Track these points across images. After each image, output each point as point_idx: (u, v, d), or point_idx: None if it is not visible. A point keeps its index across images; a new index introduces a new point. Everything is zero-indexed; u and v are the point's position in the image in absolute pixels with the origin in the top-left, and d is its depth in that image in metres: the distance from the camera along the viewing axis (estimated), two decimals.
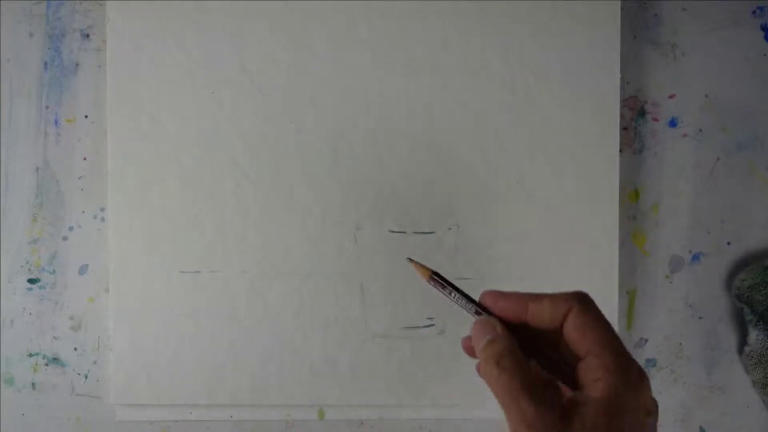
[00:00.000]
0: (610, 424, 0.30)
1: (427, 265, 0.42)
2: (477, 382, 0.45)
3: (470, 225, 0.43)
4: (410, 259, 0.37)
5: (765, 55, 0.45)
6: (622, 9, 0.43)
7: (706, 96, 0.45)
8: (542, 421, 0.30)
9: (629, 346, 0.45)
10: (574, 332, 0.32)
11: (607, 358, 0.31)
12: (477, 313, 0.35)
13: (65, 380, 0.45)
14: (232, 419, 0.45)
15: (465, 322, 0.43)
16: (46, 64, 0.45)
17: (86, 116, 0.45)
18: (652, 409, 0.31)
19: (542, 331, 0.33)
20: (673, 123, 0.45)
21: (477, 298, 0.35)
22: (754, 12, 0.45)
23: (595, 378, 0.31)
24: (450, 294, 0.36)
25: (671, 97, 0.45)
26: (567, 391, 0.32)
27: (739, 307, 0.45)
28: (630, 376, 0.31)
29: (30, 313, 0.45)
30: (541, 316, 0.33)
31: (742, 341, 0.45)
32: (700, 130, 0.45)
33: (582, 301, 0.32)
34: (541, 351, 0.33)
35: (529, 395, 0.30)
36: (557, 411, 0.30)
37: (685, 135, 0.45)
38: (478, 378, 0.44)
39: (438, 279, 0.37)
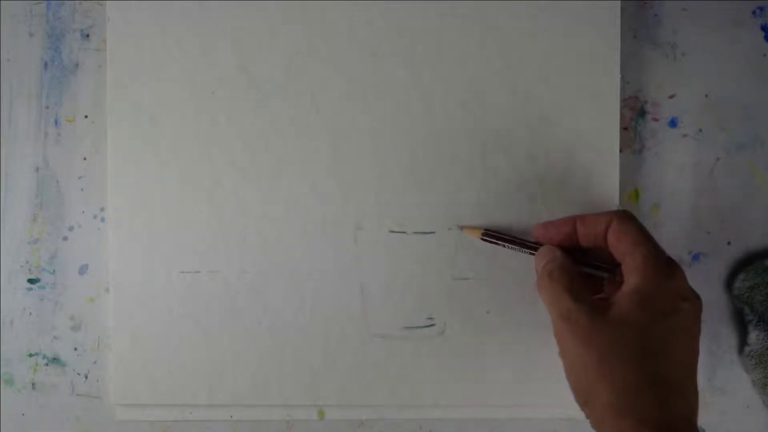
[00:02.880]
0: (642, 309, 0.33)
1: (428, 265, 0.43)
2: (477, 382, 0.46)
3: (470, 225, 0.43)
4: (461, 227, 0.42)
5: (765, 55, 0.45)
6: (622, 9, 0.43)
7: (706, 96, 0.45)
8: (577, 312, 0.33)
9: None
10: (613, 239, 0.36)
11: (639, 255, 0.34)
12: (533, 254, 0.40)
13: (65, 380, 0.45)
14: (232, 419, 0.45)
15: (465, 322, 0.43)
16: (46, 64, 0.45)
17: (86, 116, 0.45)
18: (687, 296, 0.34)
19: (595, 248, 0.37)
20: (673, 123, 0.45)
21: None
22: (754, 12, 0.45)
23: (629, 273, 0.34)
24: (505, 246, 0.41)
25: (671, 97, 0.45)
26: None
27: (739, 307, 0.45)
28: (660, 267, 0.34)
29: (30, 313, 0.45)
30: (587, 234, 0.37)
31: (742, 341, 0.45)
32: (700, 130, 0.45)
33: (621, 213, 0.36)
34: (596, 264, 0.38)
35: (569, 293, 0.34)
36: (592, 304, 0.34)
37: (685, 135, 0.45)
38: (478, 378, 0.45)
39: (490, 237, 0.41)
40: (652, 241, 0.35)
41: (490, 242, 0.41)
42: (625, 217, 0.36)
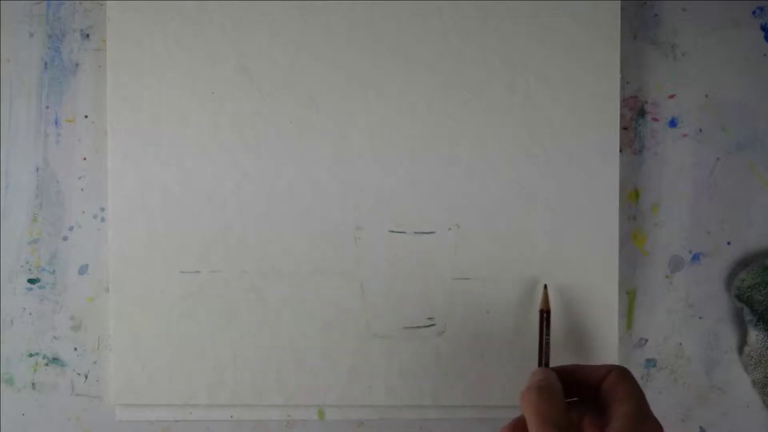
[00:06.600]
0: None
1: (428, 264, 0.43)
2: (477, 382, 0.46)
3: (470, 225, 0.43)
4: (545, 286, 0.42)
5: (765, 55, 0.45)
6: (622, 9, 0.43)
7: (706, 96, 0.45)
8: None
9: (629, 347, 0.45)
10: (609, 384, 0.36)
11: (629, 404, 0.34)
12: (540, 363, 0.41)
13: (65, 380, 0.45)
14: (232, 419, 0.45)
15: (465, 322, 0.43)
16: (46, 64, 0.45)
17: (86, 116, 0.45)
18: None
19: (586, 389, 0.37)
20: (673, 123, 0.45)
21: None
22: (754, 12, 0.45)
23: (614, 418, 0.34)
24: (543, 340, 0.41)
25: (671, 97, 0.45)
26: None
27: (739, 307, 0.45)
28: (646, 422, 0.34)
29: (30, 313, 0.45)
30: (588, 374, 0.37)
31: (742, 341, 0.45)
32: (700, 130, 0.45)
33: (622, 368, 0.36)
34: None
35: (554, 425, 0.34)
36: None
37: (685, 135, 0.45)
38: (478, 378, 0.45)
39: (544, 318, 0.41)
40: (645, 398, 0.36)
41: (541, 320, 0.41)
42: (627, 371, 0.37)
